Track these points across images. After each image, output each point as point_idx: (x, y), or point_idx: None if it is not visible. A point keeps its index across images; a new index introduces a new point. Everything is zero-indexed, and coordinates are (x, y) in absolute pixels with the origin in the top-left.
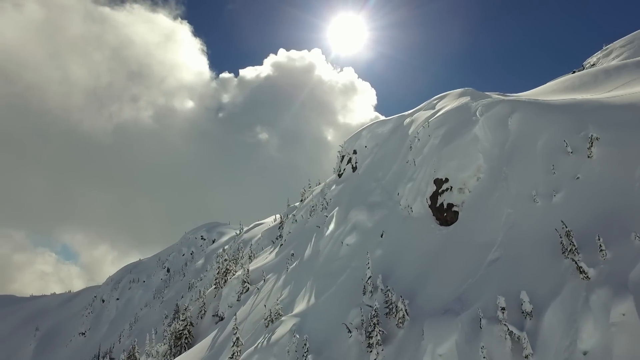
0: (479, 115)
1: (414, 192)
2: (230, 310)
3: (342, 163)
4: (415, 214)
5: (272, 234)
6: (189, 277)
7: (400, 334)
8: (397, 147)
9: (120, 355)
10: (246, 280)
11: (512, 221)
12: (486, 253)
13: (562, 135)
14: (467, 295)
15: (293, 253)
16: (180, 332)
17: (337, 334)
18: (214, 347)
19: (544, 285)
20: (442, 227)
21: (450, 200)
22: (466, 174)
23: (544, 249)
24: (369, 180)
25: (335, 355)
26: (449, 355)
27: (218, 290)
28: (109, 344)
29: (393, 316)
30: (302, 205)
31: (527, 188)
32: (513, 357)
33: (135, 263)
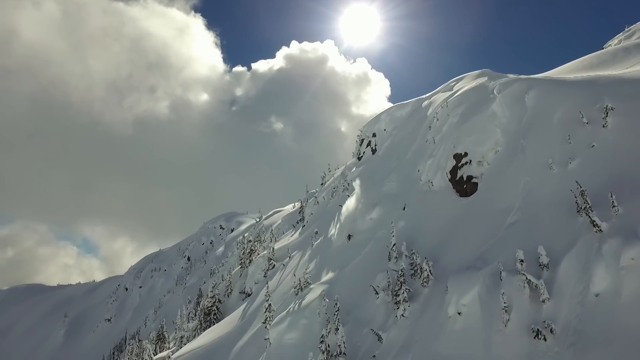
0: (497, 93)
1: (434, 167)
2: (257, 286)
3: (362, 146)
4: (435, 188)
5: (293, 218)
6: (210, 264)
7: (425, 292)
8: (416, 127)
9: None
10: (272, 257)
11: (529, 188)
12: (505, 217)
13: (578, 107)
14: (488, 254)
15: (317, 231)
16: (209, 309)
17: (364, 297)
18: (245, 316)
19: (559, 241)
20: (462, 198)
21: (469, 172)
22: (484, 147)
23: (560, 210)
24: (389, 160)
25: (363, 315)
26: (472, 305)
27: (244, 270)
28: (135, 328)
29: (418, 277)
30: (323, 188)
31: (543, 157)
32: (531, 303)
33: (156, 253)
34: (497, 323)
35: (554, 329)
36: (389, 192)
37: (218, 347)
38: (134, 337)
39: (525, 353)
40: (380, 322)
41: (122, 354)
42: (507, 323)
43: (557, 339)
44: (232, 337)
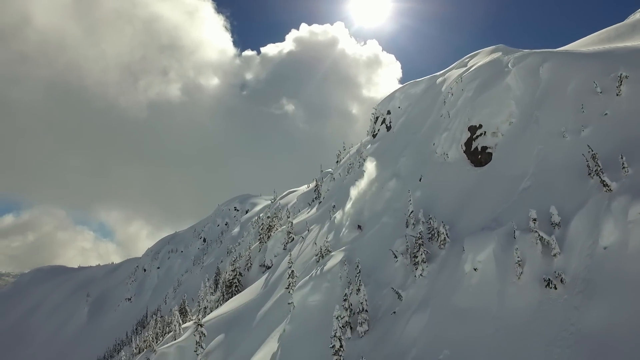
0: (511, 66)
1: (449, 140)
2: (277, 259)
3: (377, 124)
4: (451, 159)
5: (308, 197)
6: (227, 244)
7: (442, 254)
8: (430, 103)
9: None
10: (291, 231)
11: (542, 155)
12: (518, 183)
13: (592, 78)
14: (502, 216)
15: (334, 205)
16: (230, 281)
17: (383, 261)
18: (268, 285)
19: (571, 202)
20: (477, 168)
21: (484, 143)
22: (499, 119)
23: (572, 174)
24: (404, 136)
25: (383, 277)
26: (487, 262)
27: (262, 245)
28: (155, 306)
29: (435, 240)
30: (339, 166)
31: (556, 126)
32: (543, 258)
33: (172, 235)
34: (510, 276)
35: (564, 279)
36: (405, 165)
37: (244, 312)
38: (155, 314)
39: (537, 302)
40: (400, 282)
41: (144, 329)
42: (520, 276)
43: (567, 287)
44: (257, 303)
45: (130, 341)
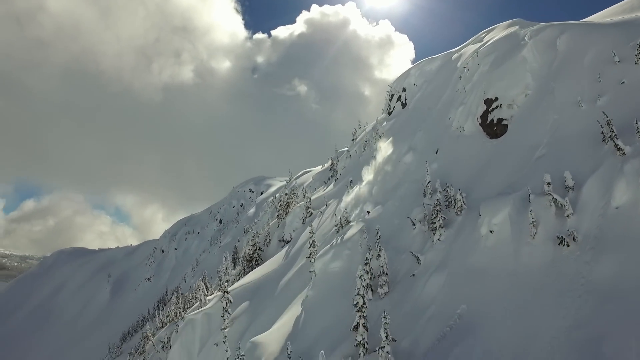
0: (528, 39)
1: (465, 113)
2: (295, 233)
3: (392, 101)
4: (467, 133)
5: (324, 175)
6: (243, 224)
7: (459, 220)
8: (446, 79)
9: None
10: (309, 206)
11: (557, 125)
12: (533, 152)
13: (610, 47)
14: (517, 183)
15: (351, 180)
16: (251, 256)
17: (401, 229)
18: (289, 256)
19: (584, 167)
20: (493, 140)
21: (499, 115)
22: (515, 91)
23: (587, 141)
24: (420, 112)
25: (401, 243)
26: (503, 224)
27: (281, 221)
28: (174, 285)
29: (452, 207)
30: (355, 143)
31: (572, 96)
32: (556, 219)
33: (188, 217)
34: (525, 237)
35: (576, 237)
36: (421, 139)
37: (266, 281)
38: (175, 292)
39: (550, 259)
40: (418, 247)
41: (165, 306)
42: (534, 236)
43: (579, 245)
44: (279, 273)
45: (153, 317)
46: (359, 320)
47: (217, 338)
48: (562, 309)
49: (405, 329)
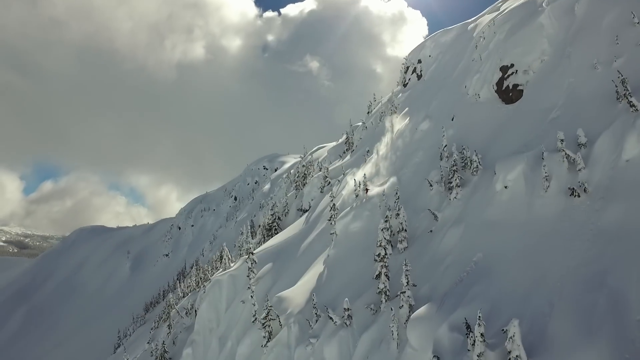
0: (545, 5)
1: (481, 81)
2: (314, 201)
3: (407, 74)
4: (482, 100)
5: (339, 149)
6: (258, 200)
7: (475, 179)
8: (461, 49)
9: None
10: (327, 175)
11: (572, 87)
12: (548, 114)
13: (630, 9)
14: (531, 143)
15: (368, 150)
16: (270, 225)
17: (419, 191)
18: (309, 221)
19: (598, 125)
20: (508, 105)
21: (515, 81)
22: (531, 57)
23: (601, 102)
24: (436, 82)
25: (419, 203)
26: (517, 180)
27: (299, 191)
28: (192, 260)
29: (468, 168)
30: (370, 115)
31: (588, 59)
32: (569, 173)
33: (203, 195)
34: (538, 190)
35: (587, 188)
36: (437, 107)
37: (289, 244)
38: (193, 265)
39: (562, 209)
40: (435, 206)
41: (185, 278)
42: (547, 189)
43: (590, 195)
44: (300, 236)
45: (174, 288)
46: (381, 269)
47: (243, 296)
48: (571, 251)
49: (424, 277)
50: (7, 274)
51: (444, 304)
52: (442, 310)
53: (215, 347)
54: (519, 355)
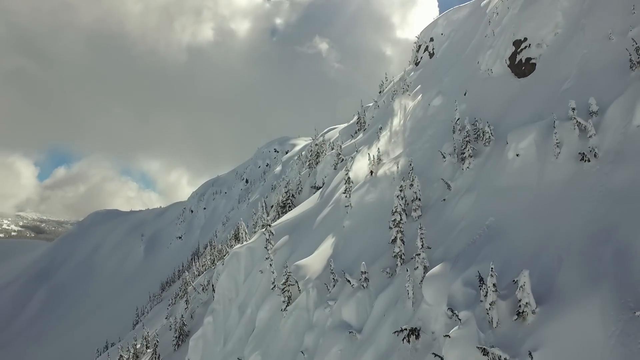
0: None
1: (494, 56)
2: (328, 177)
3: (419, 52)
4: (495, 75)
5: (350, 130)
6: (270, 182)
7: (487, 149)
8: (474, 26)
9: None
10: (340, 152)
11: (586, 58)
12: (560, 86)
13: None
14: (544, 113)
15: (381, 127)
16: (284, 202)
17: (432, 163)
18: (324, 196)
19: (610, 93)
20: (520, 79)
21: (528, 55)
22: (544, 31)
23: (614, 72)
24: (448, 59)
25: (433, 174)
26: (528, 148)
27: (312, 170)
28: (205, 241)
29: (480, 139)
30: (383, 94)
31: (603, 30)
32: (579, 140)
33: (215, 178)
34: (549, 157)
35: (597, 153)
36: (449, 83)
37: (304, 217)
38: (207, 246)
39: (572, 174)
40: (449, 176)
41: (199, 258)
42: (557, 155)
43: (600, 160)
44: (316, 209)
45: (189, 267)
46: (397, 234)
47: (261, 267)
48: (580, 211)
49: (438, 241)
50: (27, 256)
51: (458, 262)
52: (455, 267)
53: (235, 315)
54: (528, 302)
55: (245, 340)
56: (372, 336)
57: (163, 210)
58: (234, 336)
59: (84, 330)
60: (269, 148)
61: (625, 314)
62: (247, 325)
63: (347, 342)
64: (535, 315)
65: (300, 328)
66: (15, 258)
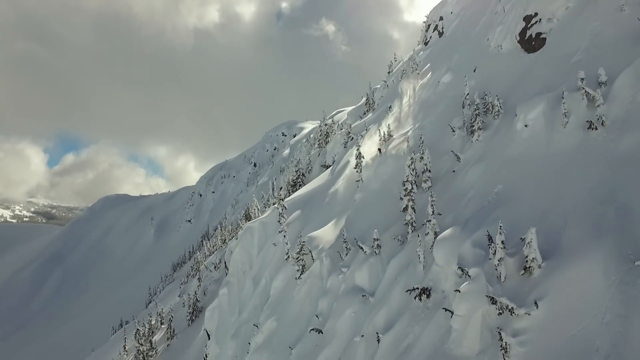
0: None
1: (504, 32)
2: (338, 155)
3: (428, 32)
4: (504, 50)
5: (359, 111)
6: (279, 165)
7: (496, 122)
8: (485, 3)
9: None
10: (350, 131)
11: (597, 31)
12: (570, 58)
13: None
14: (552, 85)
15: (390, 105)
16: (294, 181)
17: (442, 137)
18: (335, 172)
19: (619, 64)
20: (530, 54)
21: (538, 30)
22: (555, 5)
23: (625, 43)
24: (458, 37)
25: (443, 147)
26: (537, 119)
27: (322, 149)
28: (215, 224)
29: (490, 112)
30: (391, 74)
31: (616, 2)
32: (587, 109)
33: (223, 163)
34: (557, 127)
35: (604, 122)
36: (459, 60)
37: (316, 193)
38: (217, 228)
39: (579, 142)
40: (458, 149)
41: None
42: (566, 125)
43: (607, 128)
44: (326, 185)
45: (200, 247)
46: (408, 202)
47: (274, 240)
48: (586, 175)
49: (448, 209)
50: (39, 240)
51: (467, 226)
52: (465, 230)
53: (249, 286)
54: (535, 257)
55: (260, 308)
56: (384, 298)
57: (172, 194)
58: (248, 306)
59: (99, 309)
60: (277, 132)
61: (625, 265)
62: (261, 295)
63: (360, 305)
64: (541, 270)
65: (314, 294)
66: (30, 242)
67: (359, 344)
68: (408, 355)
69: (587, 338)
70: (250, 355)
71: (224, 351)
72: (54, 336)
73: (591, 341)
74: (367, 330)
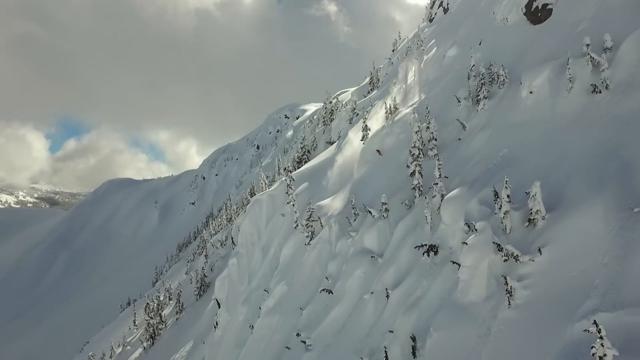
0: None
1: (510, 5)
2: (343, 131)
3: (433, 8)
4: (510, 23)
5: (363, 90)
6: (282, 146)
7: (501, 92)
8: None
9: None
10: (355, 107)
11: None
12: (576, 27)
13: None
14: (557, 52)
15: (395, 81)
16: (300, 157)
17: (447, 107)
18: (340, 145)
19: (626, 31)
20: (536, 25)
21: (545, 1)
22: None
23: (632, 9)
24: (463, 13)
25: (449, 117)
26: (542, 85)
27: (327, 127)
28: (218, 206)
29: (495, 82)
30: (396, 51)
31: None
32: (592, 74)
33: (226, 146)
34: (562, 92)
35: (608, 85)
36: (464, 34)
37: (323, 165)
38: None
39: (584, 105)
40: (464, 118)
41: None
42: (570, 90)
43: (611, 91)
44: (333, 158)
45: (206, 226)
46: (415, 167)
47: (282, 211)
48: (589, 136)
49: (455, 172)
50: (45, 224)
51: (474, 186)
52: (472, 190)
53: (258, 256)
54: (539, 209)
55: (270, 275)
56: (392, 258)
57: (175, 178)
58: (258, 274)
59: (107, 289)
60: (280, 114)
61: (625, 212)
62: (271, 263)
63: (369, 266)
64: (544, 221)
65: (323, 258)
66: (35, 225)
67: (369, 300)
68: (417, 307)
69: (586, 278)
70: (261, 318)
71: (235, 317)
72: (63, 315)
73: (590, 280)
74: (376, 287)
